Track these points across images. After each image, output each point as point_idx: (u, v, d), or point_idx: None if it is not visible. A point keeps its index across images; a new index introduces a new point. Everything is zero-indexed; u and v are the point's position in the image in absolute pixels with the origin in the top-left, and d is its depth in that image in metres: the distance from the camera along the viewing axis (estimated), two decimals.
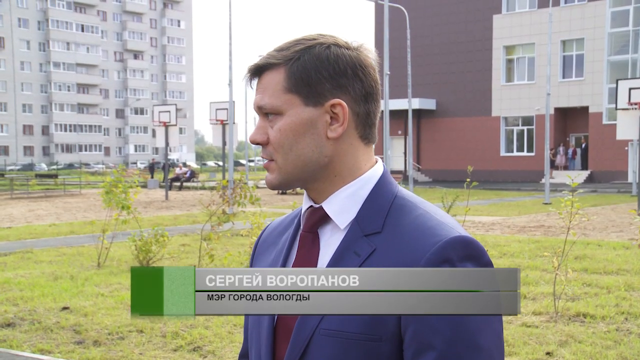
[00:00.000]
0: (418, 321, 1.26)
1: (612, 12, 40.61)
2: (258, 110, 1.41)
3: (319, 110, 1.38)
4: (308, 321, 1.34)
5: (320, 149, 1.39)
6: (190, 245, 13.78)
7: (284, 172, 1.40)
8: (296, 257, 1.43)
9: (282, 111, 1.38)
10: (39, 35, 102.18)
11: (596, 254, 12.14)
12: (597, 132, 40.96)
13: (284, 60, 1.38)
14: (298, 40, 1.41)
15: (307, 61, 1.37)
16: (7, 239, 15.48)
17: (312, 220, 1.43)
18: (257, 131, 1.41)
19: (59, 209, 25.02)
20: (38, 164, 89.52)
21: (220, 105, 28.32)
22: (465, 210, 10.74)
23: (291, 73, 1.37)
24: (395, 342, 1.29)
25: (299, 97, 1.37)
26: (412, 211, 1.37)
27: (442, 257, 1.27)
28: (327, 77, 1.37)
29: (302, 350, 1.34)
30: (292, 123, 1.37)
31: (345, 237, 1.37)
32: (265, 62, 1.39)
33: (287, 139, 1.38)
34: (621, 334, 7.03)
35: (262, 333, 1.43)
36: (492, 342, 1.29)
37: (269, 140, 1.40)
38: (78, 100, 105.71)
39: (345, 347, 1.30)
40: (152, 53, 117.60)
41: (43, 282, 9.94)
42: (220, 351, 6.60)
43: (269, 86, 1.39)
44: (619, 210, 21.86)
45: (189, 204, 27.01)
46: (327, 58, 1.38)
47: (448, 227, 1.33)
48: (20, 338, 7.13)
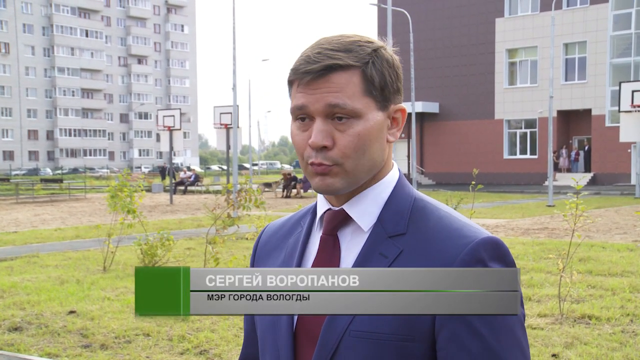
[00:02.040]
0: (454, 322, 1.26)
1: (615, 15, 40.65)
2: (328, 110, 1.33)
3: (385, 114, 1.38)
4: (337, 323, 1.32)
5: (382, 153, 1.39)
6: (195, 248, 13.80)
7: (352, 176, 1.36)
8: (316, 259, 1.42)
9: (361, 114, 1.34)
10: (43, 41, 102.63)
11: (600, 256, 12.13)
12: (600, 134, 41.00)
13: (361, 63, 1.34)
14: (356, 42, 1.37)
15: (381, 65, 1.36)
16: (13, 243, 15.51)
17: (333, 222, 1.41)
18: (322, 134, 1.33)
19: (64, 213, 25.09)
20: (43, 168, 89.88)
21: (224, 110, 28.37)
22: (470, 212, 10.76)
23: (370, 76, 1.34)
24: (428, 342, 1.28)
25: (374, 101, 1.35)
26: (434, 212, 1.38)
27: (475, 257, 1.28)
28: (393, 82, 1.38)
29: (331, 353, 1.32)
30: (371, 128, 1.34)
31: (369, 239, 1.36)
32: (342, 62, 1.33)
33: (363, 144, 1.34)
34: (627, 335, 7.02)
35: (280, 338, 1.41)
36: (524, 339, 1.31)
37: (334, 144, 1.34)
38: (82, 105, 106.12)
39: (378, 348, 1.29)
40: (156, 58, 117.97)
41: (49, 286, 9.97)
42: (226, 354, 6.61)
43: (344, 87, 1.33)
44: (623, 213, 21.83)
45: (193, 207, 27.07)
46: (394, 63, 1.39)
47: (474, 229, 1.34)
48: (28, 342, 7.14)
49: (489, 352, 1.26)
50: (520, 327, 1.31)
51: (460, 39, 45.71)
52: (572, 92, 42.02)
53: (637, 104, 21.28)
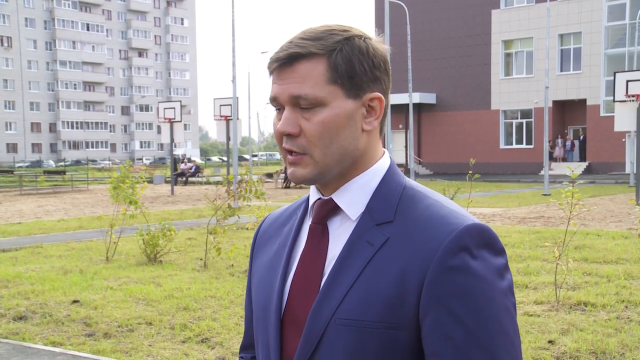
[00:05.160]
0: (438, 310, 1.24)
1: (609, 6, 40.77)
2: (292, 100, 1.34)
3: (357, 102, 1.35)
4: (322, 311, 1.31)
5: (356, 142, 1.36)
6: (196, 239, 13.85)
7: (321, 165, 1.35)
8: (305, 248, 1.41)
9: (326, 103, 1.32)
10: (45, 35, 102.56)
11: (596, 243, 12.18)
12: (595, 124, 41.14)
13: (326, 51, 1.32)
14: (330, 30, 1.35)
15: (350, 53, 1.33)
16: (18, 234, 15.56)
17: (322, 212, 1.40)
18: (287, 122, 1.34)
19: (67, 204, 25.14)
20: (46, 160, 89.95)
21: (224, 102, 28.37)
22: (467, 202, 10.79)
23: (335, 64, 1.32)
24: (412, 330, 1.27)
25: (342, 89, 1.33)
26: (423, 200, 1.36)
27: (459, 244, 1.26)
28: (367, 70, 1.35)
29: (317, 341, 1.31)
30: (336, 115, 1.33)
31: (357, 227, 1.35)
32: (305, 51, 1.33)
33: (329, 132, 1.33)
34: (622, 321, 7.07)
35: (269, 325, 1.41)
36: (512, 328, 1.29)
37: (300, 132, 1.34)
38: (84, 97, 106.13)
39: (363, 336, 1.27)
40: (157, 51, 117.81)
41: (53, 276, 10.02)
42: (227, 342, 6.65)
43: (308, 76, 1.32)
44: (617, 201, 21.94)
45: (194, 198, 27.11)
46: (367, 51, 1.35)
47: (461, 216, 1.32)
48: (32, 331, 7.20)
49: (473, 339, 1.24)
50: (508, 315, 1.28)
51: (457, 30, 45.74)
52: (568, 82, 42.11)
53: (632, 94, 21.29)
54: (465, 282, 1.24)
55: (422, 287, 1.25)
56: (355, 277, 1.30)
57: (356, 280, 1.30)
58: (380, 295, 1.27)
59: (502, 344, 1.25)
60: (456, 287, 1.24)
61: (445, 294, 1.24)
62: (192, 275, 10.09)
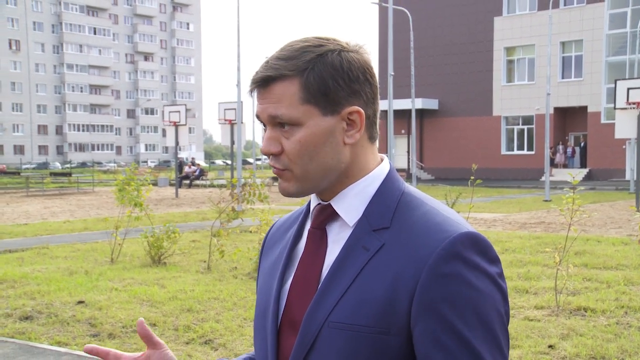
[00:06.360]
0: (429, 317, 1.25)
1: (610, 14, 40.85)
2: (271, 120, 1.36)
3: (336, 118, 1.35)
4: (317, 314, 1.32)
5: (339, 156, 1.36)
6: (200, 241, 13.89)
7: (302, 181, 1.37)
8: (303, 253, 1.42)
9: (302, 122, 1.33)
10: (53, 38, 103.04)
11: (596, 249, 12.21)
12: (596, 131, 41.19)
13: (297, 71, 1.33)
14: (304, 48, 1.35)
15: (322, 71, 1.33)
16: (24, 235, 15.64)
17: (320, 217, 1.42)
18: (270, 142, 1.37)
19: (72, 206, 25.25)
20: (52, 162, 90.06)
21: (228, 106, 28.49)
22: (469, 207, 10.84)
23: (307, 84, 1.33)
24: (404, 335, 1.27)
25: (316, 107, 1.33)
26: (420, 207, 1.36)
27: (452, 252, 1.26)
28: (343, 85, 1.34)
29: (310, 343, 1.32)
30: (313, 134, 1.34)
31: (354, 233, 1.36)
32: (277, 74, 1.34)
33: (307, 150, 1.34)
34: (621, 327, 7.10)
35: (267, 326, 1.42)
36: (503, 335, 1.30)
37: (283, 151, 1.36)
38: (90, 100, 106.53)
39: (355, 340, 1.28)
40: (162, 55, 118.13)
41: (59, 276, 10.08)
42: (231, 344, 6.69)
43: (283, 97, 1.33)
44: (618, 207, 21.93)
45: (198, 201, 27.18)
46: (341, 65, 1.34)
47: (455, 223, 1.32)
48: (38, 330, 7.26)
49: (465, 348, 1.24)
50: (501, 324, 1.29)
51: (460, 37, 45.82)
52: (569, 89, 42.18)
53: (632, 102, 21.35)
54: (457, 290, 1.25)
55: (414, 293, 1.25)
56: (350, 281, 1.31)
57: (351, 285, 1.31)
58: (373, 300, 1.28)
59: (493, 353, 1.26)
60: (448, 294, 1.24)
61: (437, 300, 1.24)
62: (196, 277, 10.15)
